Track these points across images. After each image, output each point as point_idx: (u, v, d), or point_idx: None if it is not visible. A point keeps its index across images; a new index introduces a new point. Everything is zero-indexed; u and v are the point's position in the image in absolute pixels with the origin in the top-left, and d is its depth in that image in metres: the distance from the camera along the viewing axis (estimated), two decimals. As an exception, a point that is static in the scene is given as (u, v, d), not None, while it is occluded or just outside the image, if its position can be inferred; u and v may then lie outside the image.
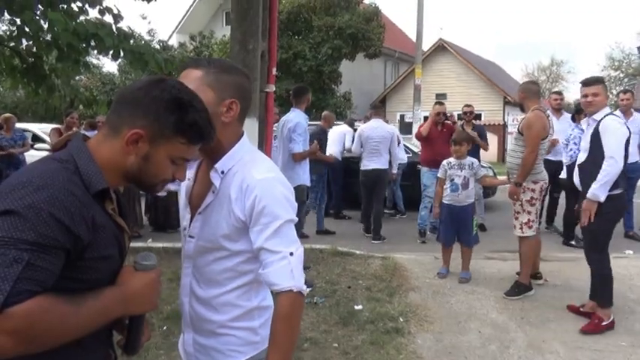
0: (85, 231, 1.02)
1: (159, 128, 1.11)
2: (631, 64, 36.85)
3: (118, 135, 1.12)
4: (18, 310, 0.90)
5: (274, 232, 1.29)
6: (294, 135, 4.94)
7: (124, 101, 1.14)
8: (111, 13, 4.43)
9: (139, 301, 1.14)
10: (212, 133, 1.19)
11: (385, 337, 3.53)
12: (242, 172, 1.35)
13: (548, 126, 4.41)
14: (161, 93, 1.12)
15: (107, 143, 1.13)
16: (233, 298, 1.41)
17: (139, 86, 1.14)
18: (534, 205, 4.43)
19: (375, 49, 17.62)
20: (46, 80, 4.49)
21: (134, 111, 1.11)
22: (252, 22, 3.96)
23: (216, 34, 20.24)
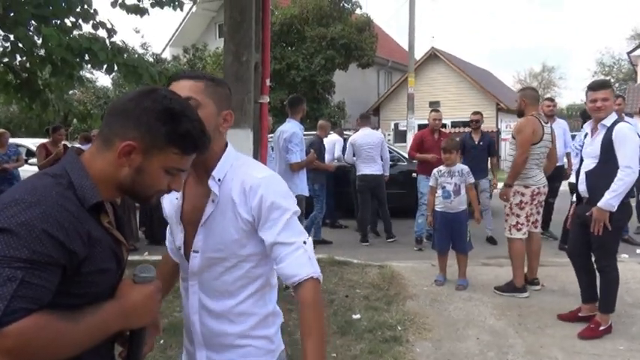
0: (81, 246, 1.01)
1: (151, 139, 1.10)
2: (621, 70, 37.29)
3: (110, 147, 1.11)
4: (13, 329, 0.90)
5: (285, 224, 1.32)
6: (290, 145, 4.96)
7: (115, 113, 1.13)
8: (104, 27, 4.45)
9: (138, 313, 1.13)
10: (206, 142, 1.18)
11: (383, 346, 3.52)
12: (239, 176, 1.37)
13: (542, 132, 4.47)
14: (152, 104, 1.11)
15: (100, 156, 1.12)
16: (249, 306, 1.42)
17: (130, 97, 1.14)
18: (524, 209, 4.51)
19: (367, 58, 17.73)
20: (40, 95, 4.49)
21: (125, 122, 1.10)
22: (245, 34, 3.99)
23: (210, 47, 20.31)
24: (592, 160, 3.75)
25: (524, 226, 4.53)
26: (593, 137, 3.80)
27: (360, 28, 17.28)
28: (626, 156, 3.56)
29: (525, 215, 4.53)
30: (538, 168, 4.55)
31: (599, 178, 3.65)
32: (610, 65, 38.64)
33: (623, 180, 3.52)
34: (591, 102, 3.72)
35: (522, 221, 4.52)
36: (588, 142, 3.85)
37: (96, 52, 3.92)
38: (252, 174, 1.36)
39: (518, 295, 4.55)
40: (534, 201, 4.55)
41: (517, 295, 4.54)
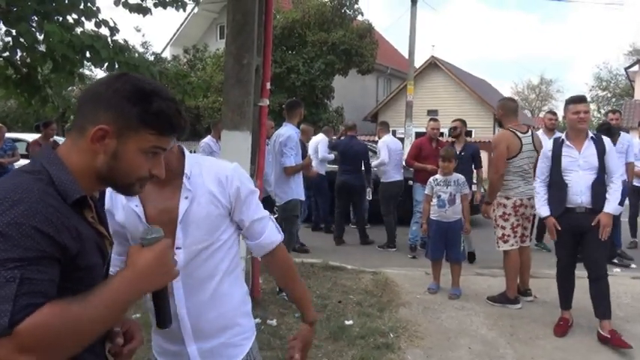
0: (70, 240, 0.99)
1: (124, 121, 1.07)
2: (618, 85, 37.52)
3: (84, 136, 1.07)
4: (27, 325, 0.88)
5: (256, 204, 1.57)
6: (285, 149, 4.96)
7: (86, 100, 1.10)
8: (107, 25, 4.44)
9: (154, 274, 1.09)
10: (183, 122, 1.16)
11: (375, 353, 3.52)
12: (207, 170, 1.51)
13: (519, 144, 4.49)
14: (123, 85, 1.08)
15: (75, 147, 1.09)
16: (229, 286, 1.55)
17: (100, 82, 1.12)
18: (508, 221, 4.55)
19: (367, 65, 17.80)
20: (39, 91, 4.47)
21: (96, 107, 1.07)
22: (247, 37, 4.00)
23: (210, 48, 20.35)
24: (590, 171, 3.83)
25: (511, 238, 4.55)
26: (583, 150, 3.88)
27: (361, 35, 17.36)
28: (617, 165, 3.88)
29: (511, 227, 4.55)
30: (522, 180, 4.54)
31: (601, 187, 3.82)
32: (607, 80, 38.90)
33: (620, 186, 3.78)
34: (574, 114, 3.87)
35: (508, 232, 4.55)
36: (575, 155, 3.90)
37: (98, 50, 3.91)
38: (222, 165, 1.56)
39: (511, 306, 4.57)
40: (517, 212, 4.56)
41: (509, 307, 4.57)
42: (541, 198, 4.07)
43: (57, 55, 4.04)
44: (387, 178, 7.16)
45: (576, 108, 3.87)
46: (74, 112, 5.07)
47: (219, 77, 15.80)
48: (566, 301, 4.11)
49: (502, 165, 4.50)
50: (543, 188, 4.06)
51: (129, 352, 1.25)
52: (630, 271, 5.84)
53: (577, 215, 3.87)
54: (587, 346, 3.78)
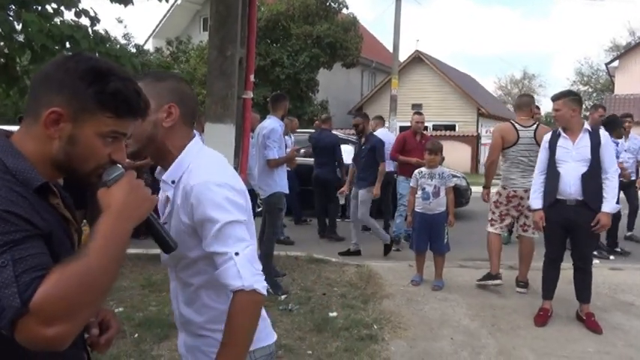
0: (42, 222, 0.96)
1: (78, 103, 1.00)
2: (599, 80, 38.09)
3: (37, 121, 1.01)
4: (39, 297, 0.87)
5: (215, 234, 1.29)
6: (268, 142, 4.93)
7: (38, 83, 1.03)
8: (87, 15, 4.38)
9: (131, 208, 1.05)
10: (142, 103, 1.09)
11: (359, 344, 3.54)
12: (186, 178, 1.36)
13: (515, 136, 4.70)
14: (76, 64, 1.01)
15: (29, 134, 1.02)
16: (206, 298, 1.43)
17: (52, 62, 1.04)
18: (498, 208, 4.84)
19: (352, 58, 17.80)
20: (18, 82, 4.39)
21: (49, 89, 1.01)
22: (230, 28, 3.97)
23: (194, 40, 20.13)
24: (582, 163, 3.90)
25: (497, 223, 4.85)
26: (577, 141, 3.95)
27: (346, 28, 17.34)
28: (611, 160, 3.91)
29: (499, 214, 4.82)
30: (519, 172, 4.70)
31: (592, 181, 3.87)
32: (588, 75, 39.45)
33: (614, 183, 3.85)
34: (553, 110, 4.08)
35: (495, 218, 4.85)
36: (569, 146, 3.97)
37: (78, 40, 3.85)
38: (190, 178, 1.34)
39: (491, 282, 4.85)
40: (510, 203, 4.75)
41: (490, 283, 4.85)
42: (536, 190, 4.12)
43: (36, 46, 3.97)
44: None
45: (553, 106, 4.08)
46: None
47: (202, 70, 15.65)
48: (548, 291, 4.21)
49: (494, 153, 4.85)
50: (540, 179, 4.11)
51: (106, 342, 1.22)
52: (609, 263, 5.96)
53: (567, 208, 3.93)
54: (566, 335, 3.86)
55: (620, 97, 20.94)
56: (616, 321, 4.13)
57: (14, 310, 0.87)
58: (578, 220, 3.90)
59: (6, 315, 0.87)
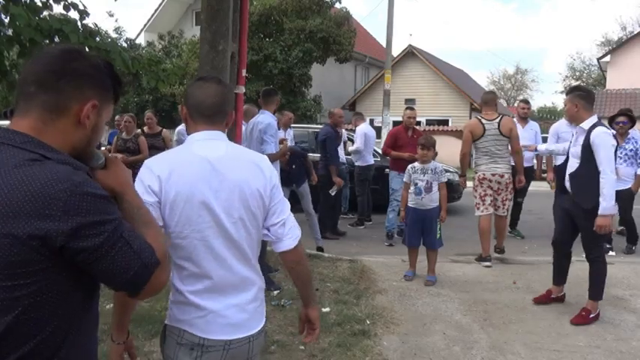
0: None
1: (105, 95, 1.16)
2: (591, 75, 38.27)
3: (64, 114, 1.10)
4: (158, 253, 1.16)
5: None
6: (265, 137, 4.90)
7: (57, 78, 1.09)
8: (76, 9, 4.30)
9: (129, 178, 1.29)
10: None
11: (352, 340, 3.55)
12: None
13: (482, 129, 5.38)
14: (95, 60, 1.15)
15: (53, 127, 1.09)
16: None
17: (71, 58, 1.12)
18: (477, 191, 5.51)
19: (345, 53, 17.72)
20: (6, 76, 4.32)
21: (79, 84, 1.10)
22: (222, 22, 3.93)
23: (186, 34, 19.99)
24: (575, 160, 4.00)
25: (481, 205, 5.47)
26: (576, 138, 4.05)
27: (339, 23, 17.25)
28: (605, 160, 3.78)
29: (479, 196, 5.48)
30: (488, 158, 5.42)
31: (580, 179, 3.94)
32: (580, 70, 39.63)
33: (607, 183, 3.76)
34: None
35: (478, 201, 5.49)
36: (573, 142, 4.09)
37: (67, 34, 3.79)
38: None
39: (482, 263, 5.46)
40: (483, 185, 5.46)
41: (482, 264, 5.45)
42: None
43: (24, 39, 3.91)
44: (363, 162, 7.62)
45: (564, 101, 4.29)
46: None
47: (195, 64, 15.54)
48: (554, 275, 4.41)
49: (465, 146, 5.55)
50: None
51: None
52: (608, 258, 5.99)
53: (568, 197, 4.06)
54: (557, 329, 3.88)
55: (612, 92, 21.05)
56: (606, 315, 4.16)
57: (155, 264, 1.13)
58: (573, 212, 4.04)
59: (150, 270, 1.12)
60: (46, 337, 1.05)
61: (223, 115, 1.68)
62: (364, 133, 7.67)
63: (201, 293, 1.57)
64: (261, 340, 1.69)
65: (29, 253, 0.98)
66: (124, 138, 6.86)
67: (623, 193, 6.05)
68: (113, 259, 1.05)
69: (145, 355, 3.25)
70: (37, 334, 1.03)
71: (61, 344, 1.08)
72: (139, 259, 1.09)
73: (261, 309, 1.70)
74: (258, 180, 1.62)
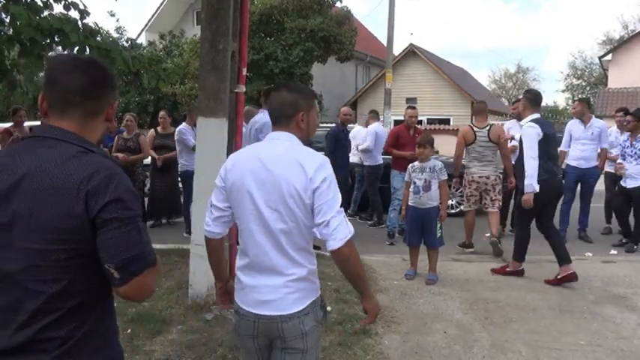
0: None
1: (116, 95, 1.43)
2: (592, 74, 38.17)
3: (100, 115, 1.37)
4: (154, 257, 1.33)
5: None
6: (260, 135, 4.91)
7: (99, 88, 1.35)
8: (77, 8, 4.31)
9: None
10: None
11: (353, 339, 3.54)
12: None
13: (473, 136, 5.97)
14: (109, 66, 1.47)
15: (90, 125, 1.35)
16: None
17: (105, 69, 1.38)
18: (465, 191, 6.18)
19: (346, 52, 17.69)
20: (7, 75, 4.34)
21: (108, 89, 1.37)
22: (222, 21, 3.93)
23: (187, 34, 19.98)
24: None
25: (466, 202, 6.21)
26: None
27: (340, 22, 17.23)
28: (524, 149, 4.71)
29: (465, 195, 6.19)
30: (478, 162, 6.02)
31: (519, 167, 4.85)
32: (582, 69, 39.51)
33: (527, 167, 4.64)
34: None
35: (464, 198, 6.24)
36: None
37: (67, 34, 3.79)
38: None
39: (467, 249, 6.12)
40: (471, 186, 6.07)
41: (465, 250, 6.12)
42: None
43: (25, 39, 3.92)
44: (373, 161, 7.55)
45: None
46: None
47: (196, 64, 15.54)
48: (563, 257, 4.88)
49: (459, 149, 6.16)
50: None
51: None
52: (601, 255, 5.99)
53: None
54: (558, 328, 3.87)
55: (614, 91, 21.01)
56: (608, 313, 4.16)
57: (152, 260, 1.29)
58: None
59: (146, 262, 1.27)
60: (88, 294, 1.29)
61: (286, 118, 1.89)
62: (375, 132, 7.55)
63: (242, 268, 1.88)
64: (295, 325, 1.81)
65: (81, 224, 1.22)
66: (125, 137, 6.86)
67: (635, 190, 6.06)
68: (122, 234, 1.23)
69: (145, 355, 3.25)
70: (82, 290, 1.28)
71: (96, 304, 1.32)
72: (141, 248, 1.26)
73: (295, 296, 1.82)
74: (298, 179, 1.76)
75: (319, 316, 1.92)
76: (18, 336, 1.23)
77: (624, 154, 6.30)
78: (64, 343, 1.25)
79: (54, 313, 1.24)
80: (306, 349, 1.84)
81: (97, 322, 1.32)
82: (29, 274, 1.24)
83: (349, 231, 1.79)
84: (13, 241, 1.24)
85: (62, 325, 1.25)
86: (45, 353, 1.24)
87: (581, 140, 6.62)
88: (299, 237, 1.82)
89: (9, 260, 1.24)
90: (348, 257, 1.81)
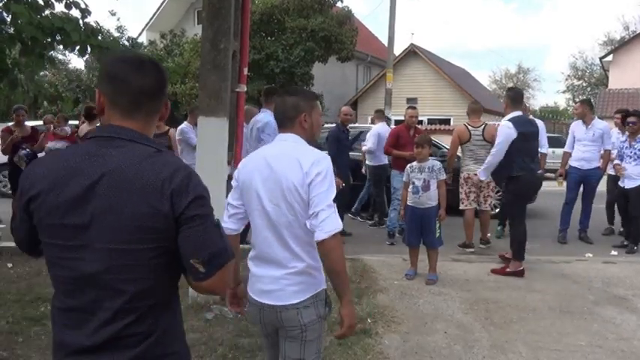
0: None
1: None
2: (593, 74, 38.18)
3: (157, 114, 1.41)
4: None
5: None
6: (263, 135, 4.91)
7: (161, 89, 1.39)
8: (78, 7, 4.31)
9: None
10: None
11: (353, 338, 3.53)
12: None
13: (468, 135, 6.07)
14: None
15: (150, 124, 1.40)
16: None
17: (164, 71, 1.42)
18: (462, 188, 6.17)
19: (347, 52, 17.70)
20: (8, 74, 4.33)
21: (166, 90, 1.43)
22: (223, 21, 3.93)
23: (188, 33, 19.98)
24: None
25: (465, 200, 6.15)
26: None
27: (341, 22, 17.23)
28: (495, 143, 5.16)
29: (464, 193, 6.16)
30: (473, 160, 6.08)
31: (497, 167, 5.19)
32: (583, 69, 39.53)
33: (490, 157, 5.16)
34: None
35: (462, 197, 6.18)
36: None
37: (68, 33, 3.79)
38: None
39: (467, 249, 6.14)
40: (467, 183, 6.12)
41: (466, 250, 6.14)
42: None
43: (26, 38, 3.92)
44: (377, 162, 7.46)
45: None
46: (46, 98, 5.03)
47: (196, 63, 15.53)
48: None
49: (453, 148, 6.31)
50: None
51: None
52: (602, 256, 5.99)
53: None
54: (558, 329, 3.87)
55: (614, 92, 21.02)
56: (608, 314, 4.15)
57: (232, 254, 1.34)
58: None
59: (228, 255, 1.31)
60: (165, 292, 1.34)
61: (289, 120, 2.02)
62: (377, 134, 7.43)
63: (252, 259, 2.03)
64: (293, 316, 1.92)
65: (167, 223, 1.25)
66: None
67: (632, 190, 6.06)
68: (205, 230, 1.27)
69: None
70: (162, 288, 1.32)
71: (170, 301, 1.37)
72: (223, 242, 1.31)
73: (294, 289, 1.92)
74: (295, 175, 1.86)
75: (321, 311, 1.98)
76: (101, 334, 1.26)
77: (622, 154, 6.30)
78: (145, 339, 1.29)
79: (136, 311, 1.27)
80: (305, 341, 1.93)
81: (172, 319, 1.37)
82: (113, 274, 1.25)
83: (336, 225, 1.83)
84: (93, 242, 1.25)
85: (142, 322, 1.29)
86: (128, 349, 1.27)
87: (582, 141, 6.62)
88: (300, 230, 1.90)
89: (89, 261, 1.25)
90: (330, 250, 1.83)
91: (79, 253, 1.26)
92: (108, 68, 1.35)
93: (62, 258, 1.28)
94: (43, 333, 3.59)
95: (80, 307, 1.28)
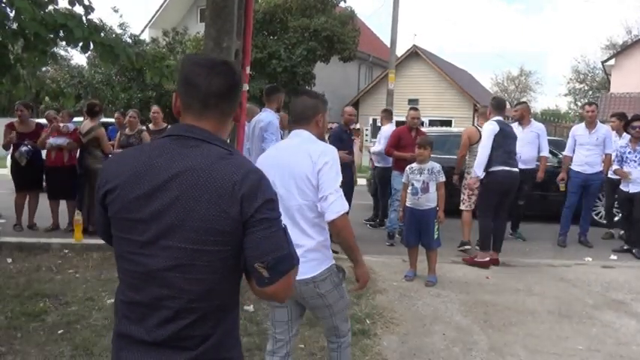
0: None
1: None
2: (595, 78, 38.14)
3: (231, 116, 1.42)
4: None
5: None
6: (266, 134, 4.91)
7: (234, 90, 1.39)
8: (81, 4, 4.31)
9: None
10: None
11: (351, 339, 3.52)
12: None
13: (478, 136, 6.12)
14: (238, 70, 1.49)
15: (223, 125, 1.40)
16: None
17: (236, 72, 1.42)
18: (466, 189, 6.24)
19: (349, 52, 17.69)
20: (10, 70, 4.32)
21: (239, 91, 1.43)
22: (226, 19, 3.93)
23: (190, 31, 19.95)
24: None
25: (467, 201, 6.28)
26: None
27: (343, 22, 17.22)
28: (481, 141, 5.59)
29: (467, 194, 6.24)
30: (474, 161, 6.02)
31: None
32: (585, 73, 39.49)
33: (477, 157, 5.55)
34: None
35: (465, 198, 6.29)
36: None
37: (71, 29, 3.79)
38: None
39: (465, 247, 6.23)
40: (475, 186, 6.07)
41: (464, 248, 6.22)
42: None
43: (29, 34, 3.92)
44: (386, 164, 7.39)
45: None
46: (48, 94, 4.97)
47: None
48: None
49: (463, 149, 6.41)
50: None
51: None
52: (601, 260, 5.99)
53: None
54: (557, 333, 3.87)
55: (616, 96, 20.98)
56: (607, 319, 4.15)
57: (297, 260, 1.32)
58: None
59: (294, 260, 1.29)
60: (227, 296, 1.34)
61: (306, 118, 2.33)
62: (387, 136, 7.26)
63: None
64: (311, 289, 2.26)
65: (235, 226, 1.25)
66: (127, 134, 6.86)
67: (638, 195, 6.06)
68: (271, 234, 1.26)
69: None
70: (225, 292, 1.33)
71: (231, 305, 1.37)
72: (289, 247, 1.29)
73: (308, 265, 2.17)
74: (306, 164, 2.18)
75: (336, 280, 2.35)
76: (161, 331, 1.27)
77: (624, 159, 6.29)
78: (204, 341, 1.29)
79: (197, 311, 1.27)
80: (329, 304, 2.35)
81: (231, 324, 1.37)
82: (178, 273, 1.26)
83: (344, 207, 2.16)
84: (161, 239, 1.25)
85: (203, 324, 1.28)
86: (187, 350, 1.27)
87: (585, 145, 6.60)
88: (309, 212, 2.21)
89: (156, 258, 1.26)
90: (341, 229, 2.18)
91: (146, 249, 1.27)
92: (182, 72, 1.38)
93: (130, 252, 1.29)
94: (42, 329, 3.59)
95: (143, 302, 1.29)
